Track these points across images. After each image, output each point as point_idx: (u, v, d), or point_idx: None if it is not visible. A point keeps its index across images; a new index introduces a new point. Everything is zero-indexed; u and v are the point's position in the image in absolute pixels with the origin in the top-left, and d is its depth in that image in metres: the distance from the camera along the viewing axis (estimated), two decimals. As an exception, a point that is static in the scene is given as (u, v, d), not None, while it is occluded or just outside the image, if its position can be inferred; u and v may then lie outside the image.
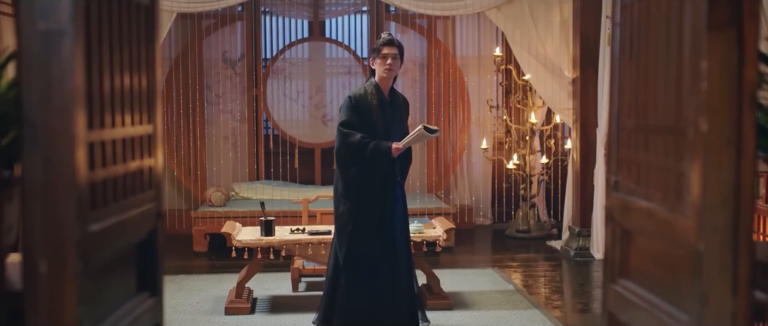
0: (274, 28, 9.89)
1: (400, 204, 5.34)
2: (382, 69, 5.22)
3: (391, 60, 5.21)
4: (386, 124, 5.23)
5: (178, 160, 9.57)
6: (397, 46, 5.28)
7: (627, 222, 2.48)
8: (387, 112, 5.25)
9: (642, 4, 2.36)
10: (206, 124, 9.71)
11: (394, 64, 5.23)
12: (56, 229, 1.89)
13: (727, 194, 1.96)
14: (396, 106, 5.35)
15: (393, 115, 5.29)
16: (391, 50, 5.23)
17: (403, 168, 5.44)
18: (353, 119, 5.16)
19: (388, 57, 5.21)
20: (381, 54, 5.23)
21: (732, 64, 1.94)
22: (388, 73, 5.23)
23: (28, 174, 1.88)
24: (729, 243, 1.97)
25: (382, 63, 5.22)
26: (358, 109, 5.19)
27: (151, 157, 2.48)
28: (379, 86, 5.27)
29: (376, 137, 5.16)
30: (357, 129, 5.16)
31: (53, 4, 1.85)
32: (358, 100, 5.21)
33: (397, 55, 5.25)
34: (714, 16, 1.93)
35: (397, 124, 5.32)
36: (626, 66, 2.51)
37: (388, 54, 5.21)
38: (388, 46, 5.23)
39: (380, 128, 5.19)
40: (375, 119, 5.19)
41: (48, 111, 1.87)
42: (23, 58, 1.86)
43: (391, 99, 5.33)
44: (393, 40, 5.29)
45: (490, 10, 8.58)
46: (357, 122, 5.15)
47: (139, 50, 2.38)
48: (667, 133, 2.18)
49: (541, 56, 8.55)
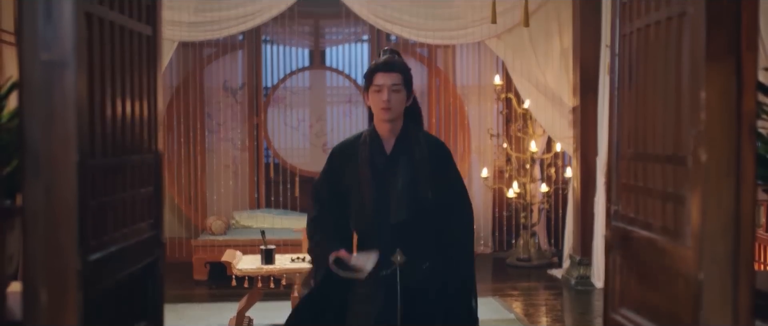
0: (275, 56, 9.93)
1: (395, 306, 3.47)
2: (378, 109, 3.53)
3: (389, 94, 3.50)
4: (380, 189, 3.52)
5: (179, 188, 9.57)
6: (399, 70, 3.54)
7: (627, 252, 2.47)
8: (387, 171, 3.54)
9: (641, 34, 2.37)
10: (207, 152, 9.73)
11: (394, 99, 3.51)
12: (57, 258, 1.88)
13: (727, 223, 1.96)
14: (411, 159, 3.54)
15: (402, 173, 3.52)
16: (388, 79, 3.51)
17: (417, 249, 3.52)
18: (324, 186, 3.64)
19: (383, 90, 3.50)
20: (374, 85, 3.54)
21: (731, 94, 1.94)
22: (386, 114, 3.50)
23: (29, 203, 1.88)
24: (729, 272, 1.97)
25: (377, 99, 3.53)
26: (337, 169, 3.62)
27: (152, 186, 2.48)
28: (377, 133, 3.59)
29: (363, 212, 3.53)
30: (329, 201, 3.62)
31: (56, 36, 1.86)
32: (340, 155, 3.64)
33: (399, 85, 3.52)
34: (712, 46, 1.94)
35: (415, 185, 3.51)
36: (625, 95, 2.52)
37: (383, 85, 3.50)
38: (384, 73, 3.52)
39: (370, 198, 3.50)
40: (362, 183, 3.53)
41: (50, 140, 1.87)
42: (25, 88, 1.87)
43: (401, 149, 3.56)
44: (392, 61, 3.57)
45: (491, 39, 8.62)
46: (328, 192, 3.61)
47: (141, 79, 2.39)
48: (667, 163, 2.19)
49: (541, 85, 8.57)
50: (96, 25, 2.03)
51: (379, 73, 3.55)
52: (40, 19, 1.86)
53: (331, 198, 3.62)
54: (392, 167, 3.56)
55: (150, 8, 2.45)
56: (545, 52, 8.52)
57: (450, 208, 3.60)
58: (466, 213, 3.65)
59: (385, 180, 3.55)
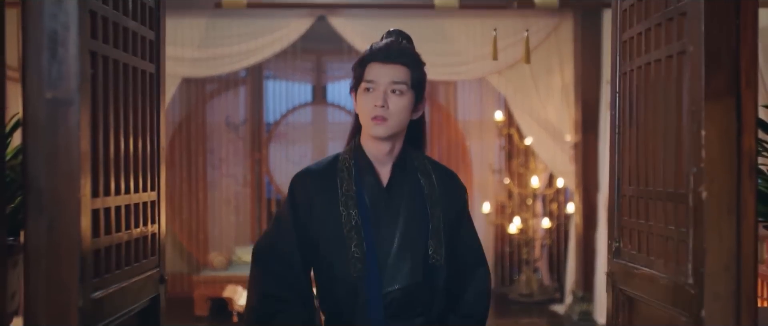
0: (277, 92, 9.96)
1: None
2: (367, 117, 2.42)
3: (385, 95, 2.40)
4: (369, 240, 2.41)
5: (181, 223, 9.56)
6: (404, 61, 2.43)
7: (629, 289, 2.47)
8: (382, 213, 2.44)
9: (641, 72, 2.39)
10: (209, 188, 9.73)
11: (394, 104, 2.40)
12: (59, 295, 1.89)
13: (728, 261, 1.96)
14: (417, 196, 2.48)
15: (404, 218, 2.44)
16: (387, 73, 2.41)
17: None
18: (283, 238, 2.46)
19: (378, 89, 2.41)
20: (365, 80, 2.44)
21: (731, 132, 1.95)
22: (378, 127, 2.41)
23: (31, 240, 1.88)
24: (731, 310, 1.96)
25: (367, 101, 2.43)
26: (305, 208, 2.45)
27: (155, 224, 2.49)
28: (363, 150, 2.50)
29: (339, 277, 2.41)
30: (281, 254, 2.45)
31: (61, 74, 1.88)
32: (309, 183, 2.48)
33: (403, 83, 2.41)
34: (712, 85, 1.95)
35: (423, 237, 2.44)
36: (626, 132, 2.53)
37: (377, 82, 2.41)
38: (381, 64, 2.42)
39: (354, 254, 2.38)
40: (341, 231, 2.40)
41: (53, 178, 1.88)
42: (29, 125, 1.88)
43: (401, 180, 2.49)
44: (395, 47, 2.45)
45: (492, 75, 8.65)
46: (285, 240, 2.45)
47: (145, 117, 2.40)
48: (668, 200, 2.19)
49: (543, 120, 8.59)
50: (100, 63, 2.05)
51: (374, 63, 2.43)
52: (44, 56, 1.87)
53: (281, 247, 2.45)
54: (389, 207, 2.46)
55: (153, 46, 2.47)
56: (547, 87, 8.55)
57: (465, 273, 2.59)
58: (485, 280, 2.63)
59: (378, 228, 2.43)
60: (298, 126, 9.92)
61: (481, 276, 2.61)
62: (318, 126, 9.96)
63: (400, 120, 2.43)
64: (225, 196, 9.77)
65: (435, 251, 2.45)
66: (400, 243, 2.43)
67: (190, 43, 8.11)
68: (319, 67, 9.84)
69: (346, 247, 2.40)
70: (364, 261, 2.39)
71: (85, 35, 1.94)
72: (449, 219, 2.53)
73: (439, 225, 2.48)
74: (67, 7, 1.88)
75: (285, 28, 8.15)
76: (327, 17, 8.06)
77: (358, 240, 2.40)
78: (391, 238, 2.43)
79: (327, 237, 2.43)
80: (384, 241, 2.42)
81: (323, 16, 8.06)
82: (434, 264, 2.45)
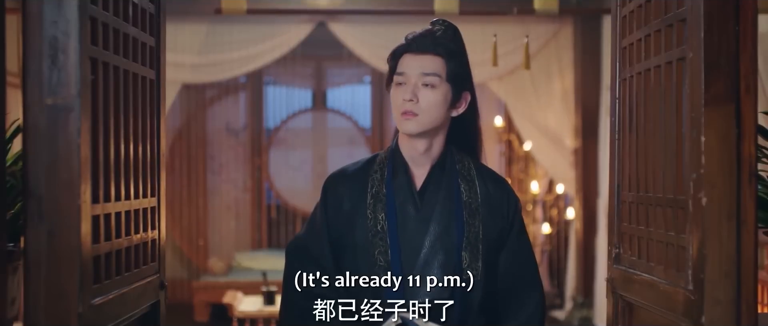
0: (277, 98, 9.96)
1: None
2: (397, 112, 2.24)
3: (414, 89, 2.22)
4: (395, 249, 2.22)
5: (181, 229, 9.56)
6: (439, 51, 2.26)
7: (629, 295, 2.47)
8: (414, 219, 2.25)
9: (641, 78, 2.39)
10: (209, 194, 9.73)
11: (425, 98, 2.23)
12: (59, 302, 1.88)
13: (728, 267, 1.96)
14: (454, 203, 2.28)
15: (436, 226, 2.24)
16: (417, 64, 2.25)
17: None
18: (316, 240, 2.31)
19: (409, 81, 2.24)
20: (397, 73, 2.27)
21: (730, 139, 1.95)
22: (407, 123, 2.23)
23: (31, 247, 1.88)
24: (732, 316, 1.96)
25: (397, 95, 2.25)
26: (330, 207, 2.32)
27: (155, 230, 2.48)
28: (400, 151, 2.32)
29: (364, 285, 2.18)
30: (312, 255, 2.30)
31: (61, 80, 1.88)
32: (341, 185, 2.33)
33: (436, 76, 2.23)
34: (711, 91, 1.95)
35: (458, 249, 2.23)
36: (626, 139, 2.53)
37: (408, 75, 2.24)
38: (414, 55, 2.26)
39: (381, 262, 2.21)
40: (366, 227, 2.24)
41: (53, 184, 1.88)
42: (29, 131, 1.88)
43: (438, 184, 2.30)
44: (430, 36, 2.29)
45: (492, 81, 8.65)
46: (317, 242, 2.31)
47: (145, 123, 2.40)
48: (668, 206, 2.19)
49: (543, 126, 8.59)
50: (100, 69, 2.05)
51: (406, 54, 2.27)
52: (45, 63, 1.87)
53: (311, 246, 2.32)
54: (423, 213, 2.26)
55: (153, 52, 2.47)
56: (547, 93, 8.55)
57: (513, 295, 2.34)
58: (538, 307, 2.36)
59: (409, 235, 2.24)
60: (299, 132, 9.92)
61: (534, 301, 2.35)
62: (318, 132, 9.96)
63: (433, 116, 2.24)
64: (225, 202, 9.77)
65: (469, 265, 2.22)
66: (428, 253, 2.22)
67: (190, 49, 8.11)
68: (319, 72, 9.85)
69: (370, 254, 2.22)
70: (387, 270, 2.19)
71: (86, 42, 1.94)
72: (491, 232, 2.29)
73: (477, 237, 2.25)
74: (67, 14, 1.88)
75: (285, 34, 8.16)
76: (327, 23, 8.06)
77: (382, 247, 2.21)
78: (419, 247, 2.22)
79: (354, 242, 2.26)
80: (411, 250, 2.22)
81: (323, 22, 8.07)
82: (467, 281, 2.20)
